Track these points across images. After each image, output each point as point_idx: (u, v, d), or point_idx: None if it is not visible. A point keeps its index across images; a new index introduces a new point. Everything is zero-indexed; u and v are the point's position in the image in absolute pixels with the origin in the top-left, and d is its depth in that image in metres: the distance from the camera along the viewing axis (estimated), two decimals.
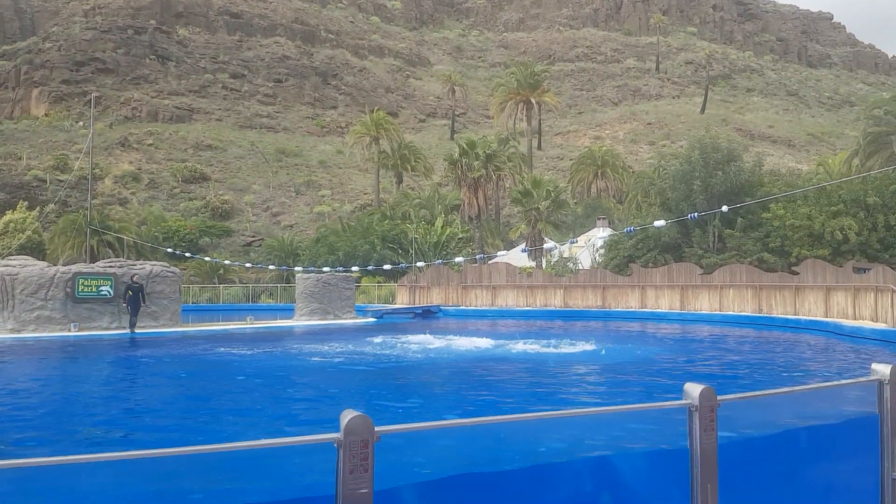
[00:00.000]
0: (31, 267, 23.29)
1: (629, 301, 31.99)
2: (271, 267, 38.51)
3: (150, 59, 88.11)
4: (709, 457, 3.67)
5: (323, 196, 67.13)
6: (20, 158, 62.28)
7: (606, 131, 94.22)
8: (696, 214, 16.73)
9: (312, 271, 29.84)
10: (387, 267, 31.12)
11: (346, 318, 29.35)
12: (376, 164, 60.10)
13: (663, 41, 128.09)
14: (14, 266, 23.10)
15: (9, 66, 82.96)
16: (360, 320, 29.67)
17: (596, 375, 12.98)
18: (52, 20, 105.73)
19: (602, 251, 37.10)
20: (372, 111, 65.48)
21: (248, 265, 39.50)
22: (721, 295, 29.44)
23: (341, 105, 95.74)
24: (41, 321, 22.39)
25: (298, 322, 28.08)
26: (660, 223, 18.55)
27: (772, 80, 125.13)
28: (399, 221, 46.87)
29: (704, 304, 29.93)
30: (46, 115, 76.05)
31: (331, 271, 30.43)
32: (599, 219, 45.42)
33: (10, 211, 47.85)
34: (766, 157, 58.60)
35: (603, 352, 16.47)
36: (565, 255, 37.02)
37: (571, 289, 33.46)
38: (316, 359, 16.02)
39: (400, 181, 62.08)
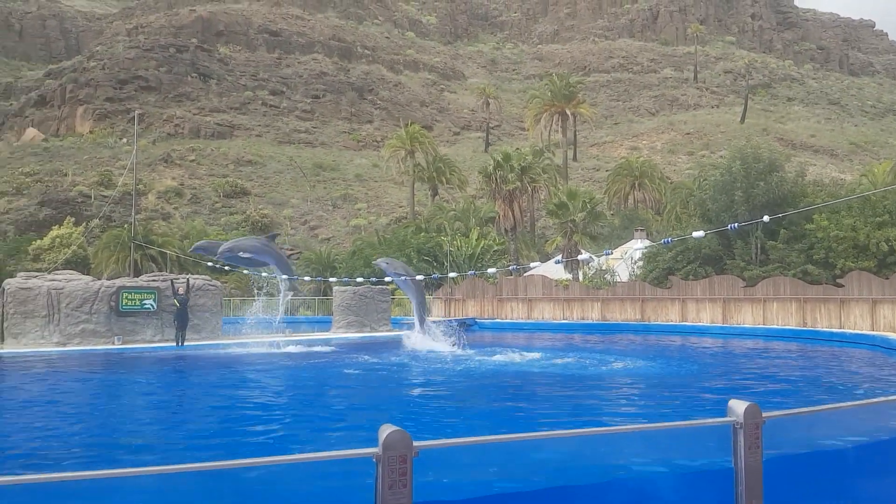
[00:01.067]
0: (76, 281, 23.89)
1: (669, 314, 31.51)
2: (307, 278, 38.92)
3: (192, 77, 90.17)
4: (754, 475, 3.59)
5: (359, 209, 67.72)
6: (66, 175, 64.14)
7: (643, 142, 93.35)
8: (736, 224, 16.44)
9: (347, 282, 30.02)
10: (420, 278, 31.21)
11: (382, 331, 29.46)
12: (411, 177, 60.45)
13: (701, 51, 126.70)
14: (60, 280, 23.72)
15: (55, 85, 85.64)
16: (396, 333, 29.76)
17: (638, 391, 12.79)
18: (97, 40, 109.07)
19: (640, 263, 36.64)
20: (407, 125, 65.96)
21: (284, 277, 39.94)
22: (764, 308, 28.83)
23: (377, 119, 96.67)
24: (86, 334, 22.91)
25: (336, 335, 28.27)
26: (698, 234, 18.26)
27: (813, 88, 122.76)
28: (434, 234, 47.00)
29: (747, 317, 29.33)
30: (91, 132, 78.25)
31: (365, 282, 30.58)
32: (637, 230, 44.89)
33: (57, 226, 49.26)
34: (809, 166, 57.40)
35: (641, 366, 16.24)
36: (602, 267, 36.64)
37: (609, 302, 33.09)
38: (353, 371, 16.10)
39: (435, 194, 62.32)
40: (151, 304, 23.91)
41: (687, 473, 4.67)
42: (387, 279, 27.25)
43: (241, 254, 23.82)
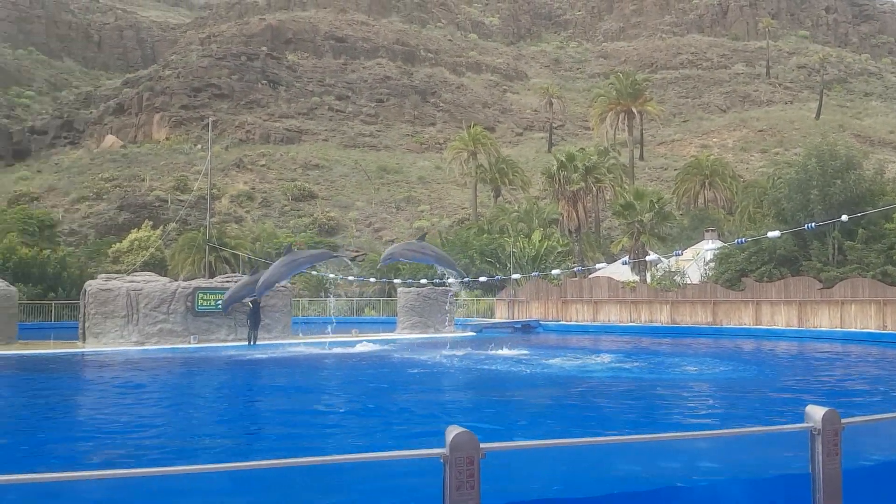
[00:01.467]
0: (154, 282, 24.90)
1: (742, 317, 30.57)
2: (372, 280, 39.53)
3: (262, 84, 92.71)
4: (832, 483, 3.48)
5: (422, 211, 68.23)
6: (143, 180, 66.87)
7: (714, 139, 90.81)
8: (812, 224, 15.83)
9: (412, 283, 30.33)
10: (482, 279, 31.25)
11: (445, 332, 29.62)
12: (474, 178, 60.51)
13: (773, 45, 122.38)
14: (139, 282, 24.77)
15: (132, 94, 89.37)
16: (460, 334, 29.87)
17: (710, 396, 12.49)
18: (171, 49, 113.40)
19: (712, 264, 35.68)
20: (469, 126, 66.07)
21: (350, 278, 40.76)
22: (842, 311, 27.66)
23: (440, 122, 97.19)
24: (163, 334, 23.87)
25: (400, 335, 28.61)
26: (773, 234, 17.67)
27: (892, 83, 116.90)
28: (497, 235, 46.89)
29: (824, 320, 28.20)
30: (167, 138, 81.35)
31: (428, 283, 30.83)
32: (708, 231, 43.71)
33: (136, 229, 51.43)
34: (888, 164, 54.76)
35: (714, 370, 15.84)
36: (672, 268, 35.84)
37: (679, 304, 32.34)
38: (417, 370, 16.26)
39: (497, 195, 62.21)
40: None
41: (761, 480, 4.56)
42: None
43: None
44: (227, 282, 25.98)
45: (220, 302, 24.46)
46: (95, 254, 50.71)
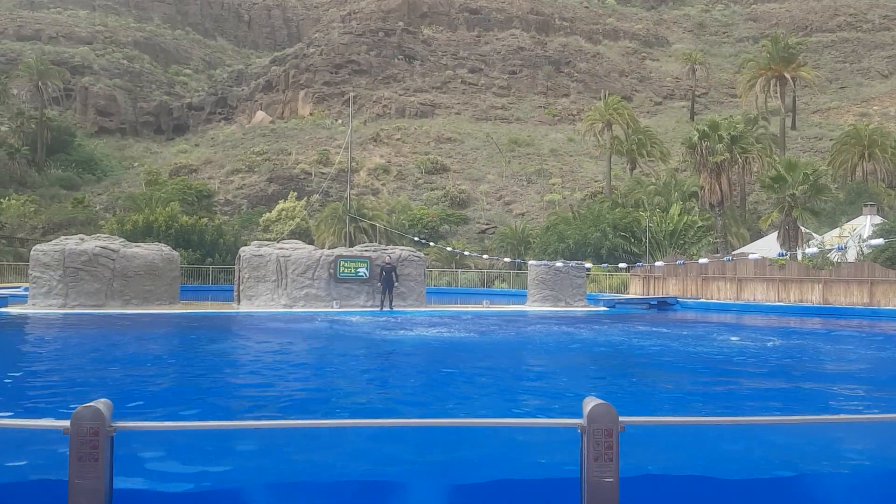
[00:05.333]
0: (300, 250, 26.48)
1: None
2: (506, 259, 39.58)
3: (398, 60, 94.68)
4: None
5: (553, 184, 67.42)
6: (290, 154, 70.63)
7: (875, 107, 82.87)
8: None
9: (545, 265, 30.18)
10: (622, 266, 30.53)
11: (577, 306, 29.37)
12: (608, 150, 58.90)
13: None
14: (287, 249, 26.43)
15: (279, 71, 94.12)
16: (592, 308, 29.51)
17: (864, 377, 11.71)
18: (315, 27, 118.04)
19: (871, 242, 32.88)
20: (605, 96, 64.21)
21: (485, 256, 41.22)
22: None
23: (573, 92, 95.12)
24: (309, 298, 25.39)
25: (531, 308, 28.68)
26: None
27: None
28: (631, 209, 45.55)
29: None
30: (311, 114, 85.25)
31: (565, 264, 30.54)
32: (866, 205, 40.25)
33: (283, 200, 54.64)
34: None
35: (867, 354, 14.77)
36: (825, 246, 33.40)
37: (832, 283, 30.14)
38: (552, 340, 16.30)
39: (633, 167, 60.23)
40: (364, 272, 25.90)
41: None
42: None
43: None
44: (366, 251, 27.15)
45: (360, 270, 25.68)
46: (248, 222, 54.46)
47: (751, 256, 30.24)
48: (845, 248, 26.73)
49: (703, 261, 29.74)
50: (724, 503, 4.22)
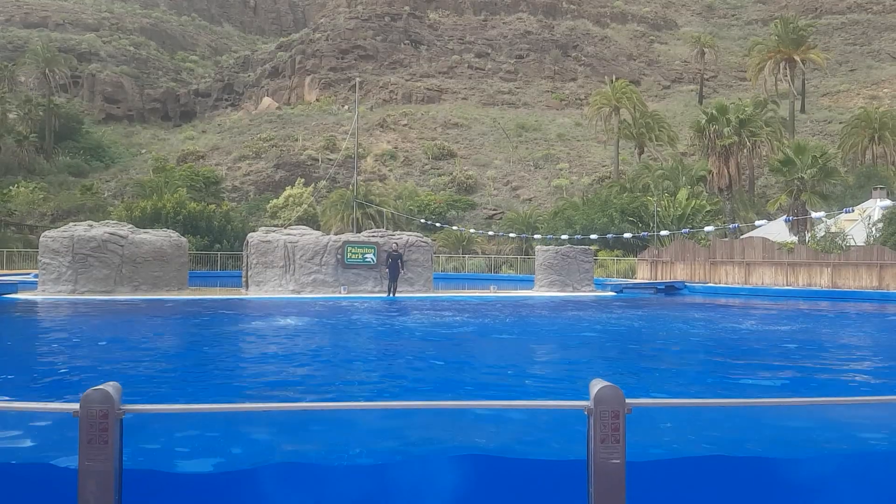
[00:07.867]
0: (308, 236, 26.51)
1: None
2: (511, 235, 39.62)
3: (405, 45, 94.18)
4: None
5: (560, 169, 67.18)
6: (297, 140, 70.56)
7: (885, 90, 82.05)
8: None
9: (551, 239, 30.16)
10: (627, 235, 30.37)
11: (584, 291, 29.36)
12: (616, 134, 58.59)
13: None
14: (295, 235, 26.46)
15: (285, 57, 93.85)
16: (599, 293, 29.49)
17: (870, 358, 11.67)
18: (321, 12, 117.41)
19: (879, 225, 32.73)
20: (613, 81, 63.77)
21: (490, 233, 41.28)
22: None
23: (581, 77, 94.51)
24: (316, 284, 25.45)
25: (538, 293, 28.69)
26: None
27: None
28: (639, 194, 45.37)
29: None
30: (318, 100, 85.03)
31: (568, 240, 30.48)
32: (876, 189, 39.98)
33: (290, 187, 54.69)
34: None
35: (878, 337, 14.73)
36: (833, 229, 33.24)
37: (841, 267, 30.01)
38: (557, 325, 16.32)
39: (641, 152, 59.93)
40: (372, 258, 25.95)
41: None
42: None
43: None
44: (373, 237, 27.17)
45: (367, 256, 25.72)
46: (255, 209, 54.58)
47: (758, 223, 30.01)
48: (852, 210, 26.40)
49: (708, 228, 29.49)
50: (734, 485, 4.23)
